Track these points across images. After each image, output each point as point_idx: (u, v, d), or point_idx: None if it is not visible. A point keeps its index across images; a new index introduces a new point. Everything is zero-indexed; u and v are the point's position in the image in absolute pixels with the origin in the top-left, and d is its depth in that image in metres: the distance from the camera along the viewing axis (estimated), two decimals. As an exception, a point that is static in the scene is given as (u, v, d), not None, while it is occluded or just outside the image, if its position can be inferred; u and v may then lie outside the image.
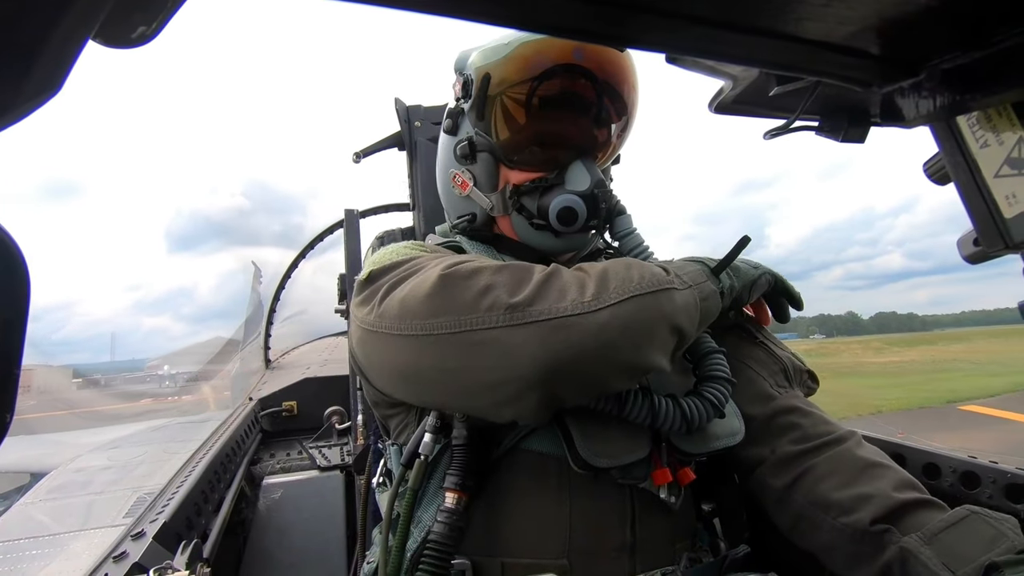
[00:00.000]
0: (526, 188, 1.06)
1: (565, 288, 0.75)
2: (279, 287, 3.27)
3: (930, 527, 0.80)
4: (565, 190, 1.03)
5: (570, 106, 1.05)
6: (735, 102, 0.66)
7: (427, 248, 1.04)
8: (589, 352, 0.73)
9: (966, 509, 0.81)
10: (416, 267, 0.89)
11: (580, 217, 1.02)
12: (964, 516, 0.80)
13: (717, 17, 0.40)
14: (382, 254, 0.98)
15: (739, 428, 0.98)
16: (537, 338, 0.72)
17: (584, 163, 1.04)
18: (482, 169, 1.10)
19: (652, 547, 0.94)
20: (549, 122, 1.06)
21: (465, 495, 0.88)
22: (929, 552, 0.78)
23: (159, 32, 0.38)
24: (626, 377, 0.80)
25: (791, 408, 1.02)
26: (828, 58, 0.47)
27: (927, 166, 0.64)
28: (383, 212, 2.44)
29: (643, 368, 0.78)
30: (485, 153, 1.09)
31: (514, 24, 0.39)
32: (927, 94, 0.50)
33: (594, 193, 1.02)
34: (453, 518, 0.87)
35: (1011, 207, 0.48)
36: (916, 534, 0.80)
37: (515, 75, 1.03)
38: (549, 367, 0.72)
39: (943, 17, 0.42)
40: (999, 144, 0.49)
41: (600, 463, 0.86)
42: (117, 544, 1.07)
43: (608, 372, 0.76)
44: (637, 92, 1.08)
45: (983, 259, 0.56)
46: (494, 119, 1.07)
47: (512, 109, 1.06)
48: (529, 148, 1.07)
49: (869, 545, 0.85)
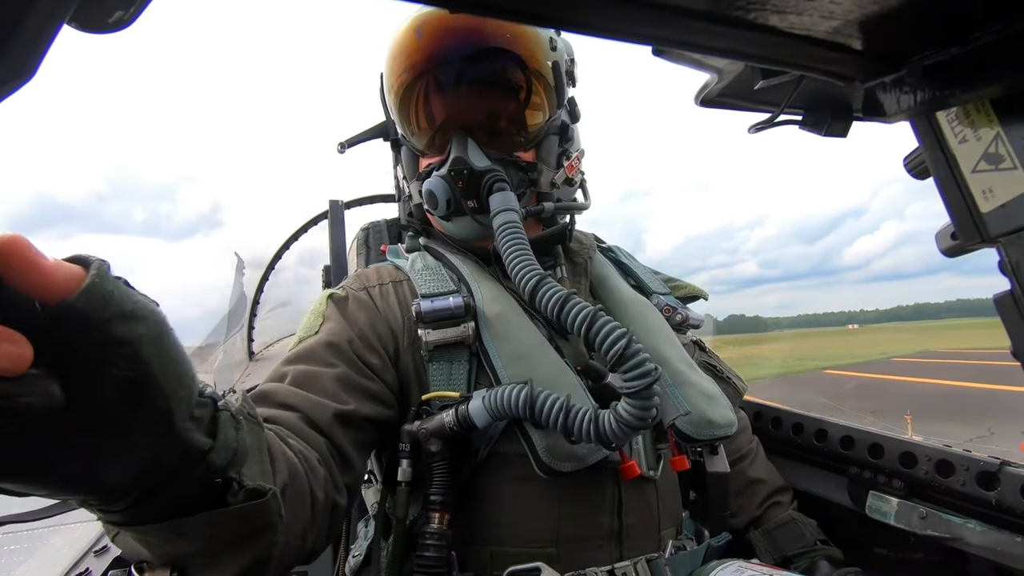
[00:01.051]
0: (421, 175, 1.08)
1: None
2: (263, 278, 3.23)
3: (768, 526, 1.19)
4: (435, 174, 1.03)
5: (446, 86, 1.05)
6: (720, 95, 0.67)
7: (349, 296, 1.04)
8: None
9: (789, 516, 1.19)
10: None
11: (440, 200, 1.02)
12: (787, 521, 1.18)
13: (703, 9, 0.40)
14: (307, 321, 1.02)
15: (734, 420, 1.04)
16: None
17: (456, 142, 1.01)
18: (405, 160, 1.15)
19: (638, 533, 0.96)
20: (431, 107, 1.08)
21: (448, 513, 0.89)
22: (764, 543, 1.17)
23: (136, 17, 0.37)
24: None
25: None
26: (812, 53, 0.48)
27: (907, 161, 0.65)
28: (368, 203, 2.42)
29: None
30: (403, 145, 1.14)
31: (492, 12, 0.38)
32: (908, 89, 0.51)
33: (451, 172, 0.99)
34: (441, 542, 0.87)
35: (988, 202, 0.49)
36: (759, 530, 1.19)
37: (387, 71, 1.08)
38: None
39: (924, 14, 0.43)
40: (977, 140, 0.50)
41: (564, 467, 0.86)
42: (99, 538, 1.06)
43: None
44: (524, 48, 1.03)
45: (960, 252, 0.57)
46: (397, 116, 1.11)
47: (395, 97, 1.09)
48: (424, 136, 1.09)
49: (739, 536, 1.19)
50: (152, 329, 0.44)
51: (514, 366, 0.93)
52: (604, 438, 0.81)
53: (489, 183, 0.98)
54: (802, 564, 1.10)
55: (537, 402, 0.84)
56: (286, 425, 0.81)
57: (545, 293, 0.86)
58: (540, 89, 1.07)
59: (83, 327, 0.40)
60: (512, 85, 1.06)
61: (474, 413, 0.87)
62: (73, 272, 0.40)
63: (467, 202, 1.00)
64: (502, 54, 1.04)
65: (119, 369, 0.42)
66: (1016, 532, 0.99)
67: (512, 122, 1.06)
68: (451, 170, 0.99)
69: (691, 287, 1.29)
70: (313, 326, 0.99)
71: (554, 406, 0.83)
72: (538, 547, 0.90)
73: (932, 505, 1.12)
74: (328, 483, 0.80)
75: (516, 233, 0.93)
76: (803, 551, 1.13)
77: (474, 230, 1.05)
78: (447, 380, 0.95)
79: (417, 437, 0.90)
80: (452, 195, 1.00)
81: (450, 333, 0.94)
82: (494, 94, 1.06)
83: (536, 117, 1.07)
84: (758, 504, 1.22)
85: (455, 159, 0.98)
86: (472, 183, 0.98)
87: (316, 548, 0.77)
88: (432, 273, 1.05)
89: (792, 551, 1.14)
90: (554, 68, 1.06)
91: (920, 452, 1.14)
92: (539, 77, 1.06)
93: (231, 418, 0.56)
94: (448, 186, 1.00)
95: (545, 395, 0.84)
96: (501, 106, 1.06)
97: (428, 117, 1.08)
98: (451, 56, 1.03)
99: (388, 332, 0.99)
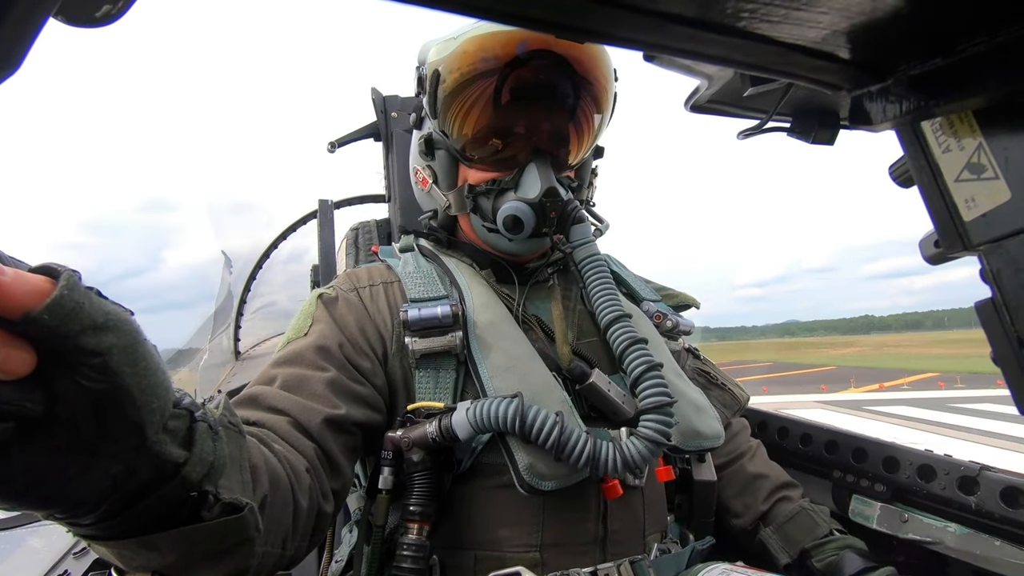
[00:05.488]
0: (481, 189, 1.04)
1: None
2: (250, 277, 3.20)
3: (778, 520, 1.14)
4: (515, 196, 1.00)
5: (521, 99, 1.01)
6: (710, 102, 0.67)
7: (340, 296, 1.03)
8: None
9: (799, 506, 1.15)
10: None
11: (527, 226, 0.99)
12: (797, 511, 1.14)
13: (694, 16, 0.40)
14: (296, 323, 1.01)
15: (721, 432, 1.06)
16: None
17: (539, 167, 0.99)
18: (440, 166, 1.08)
19: (623, 539, 0.96)
20: (501, 119, 1.02)
21: (427, 524, 0.88)
22: (776, 540, 1.13)
23: (126, 11, 0.37)
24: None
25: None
26: (800, 61, 0.48)
27: (892, 169, 0.66)
28: (358, 203, 2.41)
29: None
30: (443, 151, 1.08)
31: (482, 14, 0.38)
32: (894, 99, 0.51)
33: (542, 202, 0.98)
34: (419, 553, 0.86)
35: (970, 211, 0.50)
36: (770, 527, 1.15)
37: (462, 71, 0.99)
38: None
39: (911, 25, 0.43)
40: (960, 150, 0.51)
41: (544, 486, 0.86)
42: (78, 540, 1.05)
43: None
44: (603, 78, 1.03)
45: (943, 260, 0.58)
46: (447, 116, 1.04)
47: (463, 106, 1.02)
48: (483, 147, 1.04)
49: (751, 538, 1.17)
50: (124, 339, 0.43)
51: (501, 378, 0.92)
52: (596, 462, 0.84)
53: (572, 213, 1.01)
54: (825, 557, 1.05)
55: (528, 418, 0.83)
56: (275, 430, 0.80)
57: (618, 330, 0.95)
58: (604, 119, 1.08)
59: (50, 341, 0.39)
60: (585, 113, 1.06)
61: (457, 425, 0.86)
62: (36, 285, 0.39)
63: (543, 228, 1.00)
64: (585, 82, 1.02)
65: (89, 381, 0.41)
66: (994, 535, 1.01)
67: (575, 147, 1.08)
68: (544, 200, 0.98)
69: (683, 295, 1.30)
70: (302, 327, 0.97)
71: (546, 424, 0.83)
72: (522, 552, 0.90)
73: (914, 509, 1.14)
74: (314, 490, 0.79)
75: (601, 267, 1.01)
76: (821, 542, 1.08)
77: (528, 247, 1.07)
78: (433, 389, 0.94)
79: (400, 445, 0.89)
80: (537, 222, 0.99)
81: (437, 342, 0.94)
82: (567, 118, 1.06)
83: (592, 143, 1.11)
84: (763, 499, 1.18)
85: (549, 189, 0.97)
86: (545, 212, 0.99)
87: (298, 555, 0.76)
88: (423, 276, 1.05)
89: (808, 543, 1.09)
90: (614, 99, 1.08)
91: (903, 457, 1.16)
92: (605, 108, 1.07)
93: (208, 429, 0.54)
94: (536, 214, 0.99)
95: (536, 411, 0.84)
96: (573, 132, 1.07)
97: (496, 126, 1.03)
98: (562, 73, 1.00)
99: (377, 336, 0.98)
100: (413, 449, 0.88)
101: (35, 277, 0.40)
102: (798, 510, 1.14)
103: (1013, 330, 0.47)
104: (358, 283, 1.06)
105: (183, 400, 0.52)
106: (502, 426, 0.84)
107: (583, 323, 1.08)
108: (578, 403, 0.96)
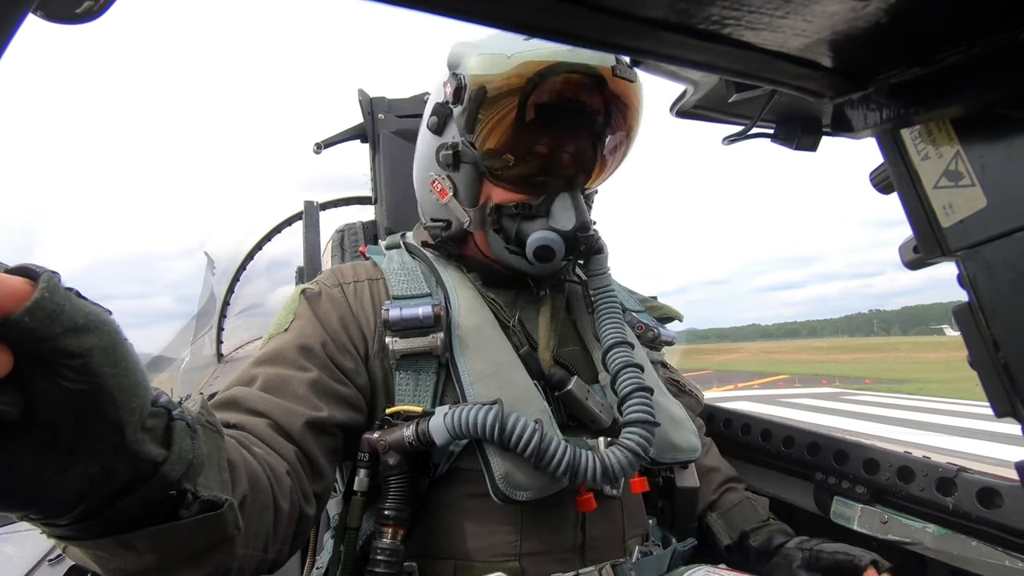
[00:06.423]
0: (508, 211, 1.01)
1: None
2: (233, 279, 3.17)
3: (723, 508, 1.23)
4: (547, 225, 0.98)
5: (562, 128, 1.00)
6: (695, 107, 0.68)
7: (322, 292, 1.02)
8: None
9: (742, 496, 1.24)
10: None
11: (557, 256, 0.98)
12: (740, 500, 1.23)
13: (678, 22, 0.41)
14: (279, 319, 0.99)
15: (698, 445, 1.07)
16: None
17: (572, 197, 0.99)
18: (464, 180, 1.04)
19: (602, 544, 0.96)
20: (540, 143, 1.01)
21: (402, 528, 0.87)
22: (720, 524, 1.20)
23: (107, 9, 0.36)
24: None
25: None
26: (784, 68, 0.49)
27: (873, 176, 0.67)
28: (344, 205, 2.39)
29: None
30: (470, 165, 1.03)
31: (466, 16, 0.38)
32: (875, 107, 0.52)
33: (576, 235, 0.98)
34: (392, 558, 0.85)
35: (948, 217, 0.51)
36: (715, 513, 1.22)
37: (511, 91, 0.95)
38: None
39: (891, 34, 0.44)
40: (938, 157, 0.52)
41: (519, 496, 0.85)
42: (53, 547, 1.02)
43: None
44: (639, 122, 1.04)
45: (921, 265, 0.59)
46: (484, 133, 0.99)
47: (504, 127, 0.98)
48: (516, 168, 1.01)
49: (699, 522, 1.21)
50: (104, 340, 0.43)
51: (482, 384, 0.91)
52: (576, 471, 0.84)
53: (595, 244, 1.06)
54: (760, 537, 1.14)
55: (507, 425, 0.83)
56: (254, 432, 0.79)
57: (616, 355, 0.97)
58: (629, 150, 1.09)
59: (30, 344, 0.39)
60: (617, 148, 1.06)
61: (434, 430, 0.85)
62: (15, 288, 0.39)
63: (569, 256, 1.02)
64: (625, 120, 1.03)
65: (69, 382, 0.41)
66: (971, 536, 1.03)
67: (597, 177, 1.09)
68: (577, 232, 0.98)
69: (667, 308, 1.32)
70: (283, 323, 0.96)
71: (525, 431, 0.83)
72: (502, 560, 0.90)
73: (893, 511, 1.15)
74: (294, 493, 0.78)
75: (612, 298, 1.04)
76: (758, 526, 1.18)
77: (547, 271, 1.08)
78: (413, 391, 0.93)
79: (376, 448, 0.88)
80: (566, 252, 1.00)
81: (417, 343, 0.93)
82: (600, 149, 1.05)
83: (611, 173, 1.12)
84: (713, 489, 1.26)
85: (583, 223, 0.98)
86: (576, 244, 1.00)
87: (279, 559, 0.75)
88: (407, 273, 1.04)
89: (749, 526, 1.18)
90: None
91: (883, 459, 1.18)
92: (633, 142, 1.07)
93: (187, 427, 0.54)
94: (567, 245, 0.99)
95: (515, 418, 0.84)
96: (601, 163, 1.07)
97: (533, 150, 1.01)
98: (603, 104, 0.99)
99: (360, 335, 0.97)
100: (389, 452, 0.87)
101: (14, 279, 0.39)
102: (741, 499, 1.24)
103: (989, 334, 0.48)
104: (343, 279, 1.05)
105: (160, 398, 0.51)
106: (480, 433, 0.83)
107: (566, 331, 1.09)
108: (557, 412, 0.96)
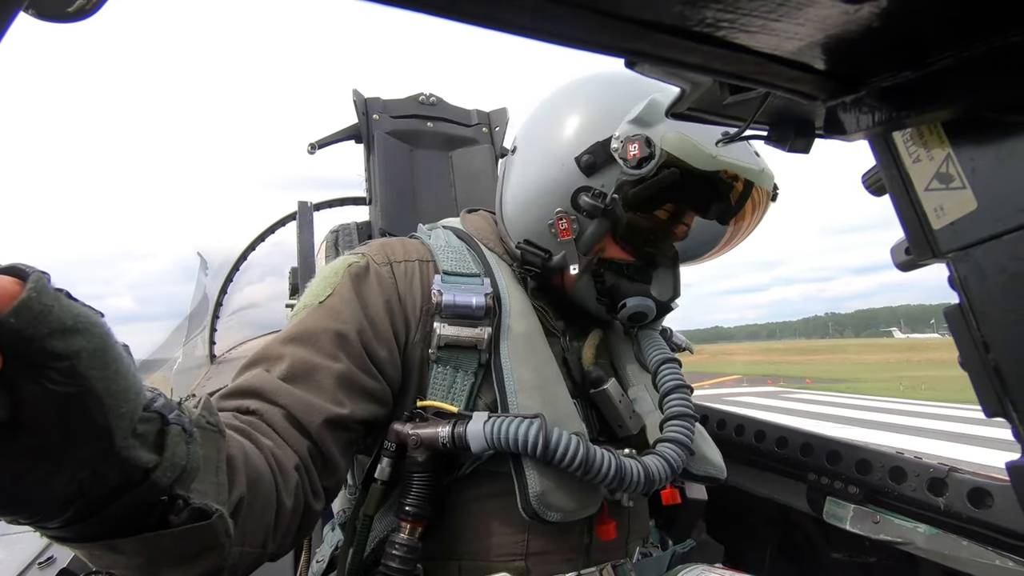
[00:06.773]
0: (614, 265, 1.02)
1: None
2: (227, 279, 3.15)
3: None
4: (647, 291, 1.01)
5: (703, 216, 1.06)
6: (691, 108, 0.68)
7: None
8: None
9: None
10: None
11: (647, 320, 1.04)
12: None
13: (673, 24, 0.41)
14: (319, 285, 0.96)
15: (723, 466, 1.07)
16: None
17: (675, 272, 1.04)
18: (594, 231, 0.97)
19: (607, 546, 0.96)
20: (680, 222, 1.07)
21: (421, 525, 0.85)
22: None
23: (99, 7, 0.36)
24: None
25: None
26: (777, 71, 0.49)
27: (865, 178, 0.68)
28: (338, 205, 2.39)
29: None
30: (607, 221, 0.97)
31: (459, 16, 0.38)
32: (867, 110, 0.53)
33: (669, 306, 1.04)
34: (410, 555, 0.84)
35: (939, 219, 0.52)
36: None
37: (689, 173, 0.93)
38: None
39: (883, 38, 0.45)
40: (930, 160, 0.52)
41: (550, 517, 0.84)
42: (43, 549, 1.01)
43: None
44: (752, 230, 1.10)
45: (913, 267, 0.60)
46: (646, 203, 0.99)
47: (663, 200, 1.03)
48: (646, 237, 1.03)
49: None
50: (94, 342, 0.42)
51: (526, 395, 0.90)
52: (623, 479, 0.85)
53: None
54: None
55: (551, 441, 0.82)
56: (270, 422, 0.77)
57: (666, 371, 1.01)
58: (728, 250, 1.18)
59: (16, 344, 0.38)
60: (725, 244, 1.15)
61: (472, 437, 0.83)
62: (3, 287, 0.38)
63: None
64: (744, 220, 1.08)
65: (56, 384, 0.40)
66: (962, 535, 1.04)
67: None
68: (671, 301, 1.04)
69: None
70: (320, 294, 0.91)
71: (571, 445, 0.82)
72: (507, 560, 0.90)
73: (885, 511, 1.16)
74: (301, 488, 0.77)
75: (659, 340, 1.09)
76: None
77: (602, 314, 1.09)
78: (448, 388, 0.91)
79: (406, 441, 0.86)
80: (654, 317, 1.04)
81: (465, 332, 0.90)
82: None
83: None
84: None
85: (677, 295, 1.05)
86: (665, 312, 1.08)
87: (280, 552, 0.74)
88: (455, 251, 1.02)
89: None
90: None
91: (875, 459, 1.18)
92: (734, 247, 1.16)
93: (182, 432, 0.53)
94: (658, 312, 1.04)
95: (559, 434, 0.83)
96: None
97: (671, 227, 1.07)
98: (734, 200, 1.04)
99: (403, 321, 0.93)
100: (420, 448, 0.85)
101: (2, 278, 0.38)
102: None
103: (979, 335, 0.48)
104: (393, 256, 0.99)
105: (155, 402, 0.51)
106: (522, 449, 0.82)
107: (601, 346, 1.10)
108: (591, 428, 0.97)
